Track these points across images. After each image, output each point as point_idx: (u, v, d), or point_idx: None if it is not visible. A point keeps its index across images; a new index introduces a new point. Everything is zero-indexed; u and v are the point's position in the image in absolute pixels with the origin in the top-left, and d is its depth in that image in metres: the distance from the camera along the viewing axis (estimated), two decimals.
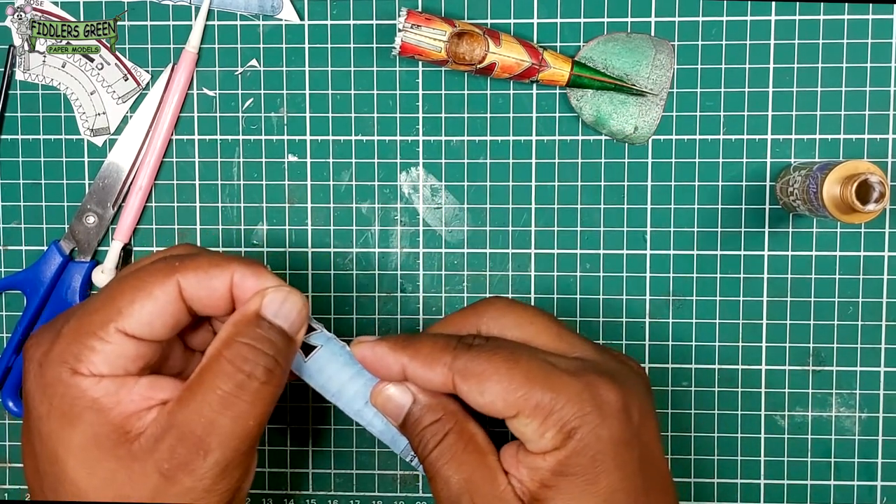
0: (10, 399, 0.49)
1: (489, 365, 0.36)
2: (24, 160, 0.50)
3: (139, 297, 0.36)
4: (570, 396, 0.36)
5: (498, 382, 0.36)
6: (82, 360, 0.36)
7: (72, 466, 0.36)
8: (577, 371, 0.37)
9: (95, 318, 0.36)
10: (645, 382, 0.40)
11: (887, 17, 0.47)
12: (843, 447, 0.48)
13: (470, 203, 0.49)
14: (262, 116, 0.49)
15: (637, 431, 0.37)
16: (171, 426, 0.36)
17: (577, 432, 0.35)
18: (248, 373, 0.36)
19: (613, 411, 0.36)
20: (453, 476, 0.37)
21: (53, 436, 0.36)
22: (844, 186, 0.41)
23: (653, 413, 0.39)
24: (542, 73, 0.46)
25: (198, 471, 0.35)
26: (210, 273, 0.37)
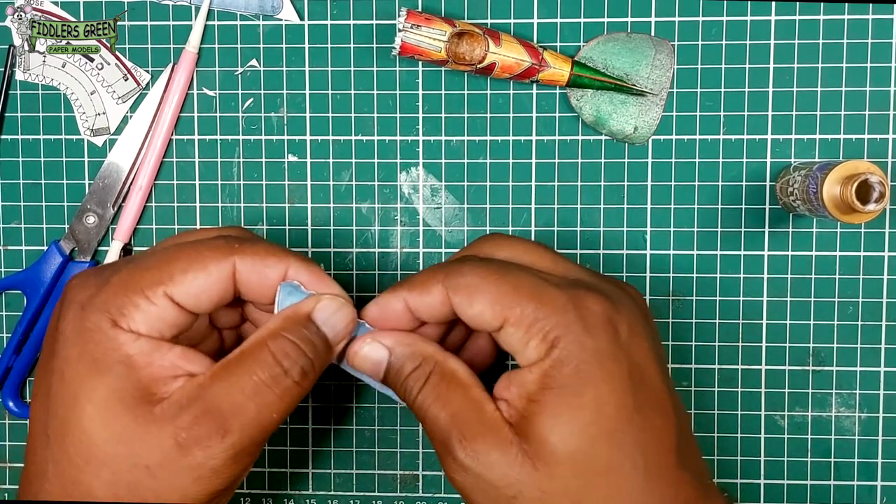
0: (10, 399, 0.49)
1: (479, 278, 0.37)
2: (25, 160, 0.50)
3: (194, 268, 0.37)
4: (555, 307, 0.36)
5: (486, 293, 0.36)
6: (125, 315, 0.36)
7: (88, 414, 0.36)
8: (565, 286, 0.37)
9: (147, 277, 0.37)
10: (639, 306, 0.39)
11: (887, 17, 0.47)
12: (843, 447, 0.48)
13: (470, 203, 0.49)
14: (262, 116, 0.49)
15: (626, 347, 0.36)
16: (199, 398, 0.36)
17: (560, 341, 0.36)
18: (286, 368, 0.37)
19: (598, 322, 0.36)
20: (440, 414, 0.37)
21: (78, 380, 0.36)
22: (844, 186, 0.41)
23: (646, 335, 0.38)
24: (542, 73, 0.46)
25: (213, 448, 0.36)
26: (267, 262, 0.38)
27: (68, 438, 0.36)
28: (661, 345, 0.40)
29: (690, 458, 0.38)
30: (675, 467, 0.36)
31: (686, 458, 0.37)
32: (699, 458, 0.39)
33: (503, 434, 0.36)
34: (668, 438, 0.37)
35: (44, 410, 0.37)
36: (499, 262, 0.39)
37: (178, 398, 0.36)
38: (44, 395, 0.38)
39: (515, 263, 0.39)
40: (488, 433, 0.36)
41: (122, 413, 0.36)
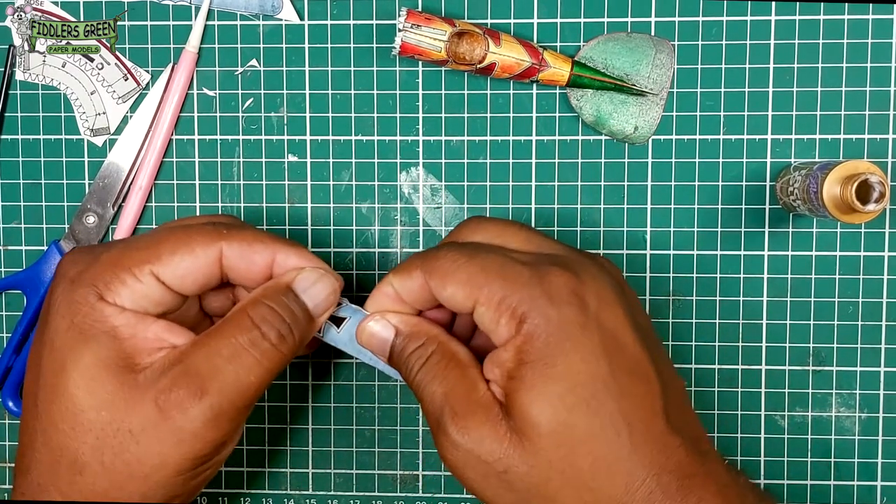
0: (10, 399, 0.49)
1: (450, 262, 0.38)
2: (24, 160, 0.50)
3: (181, 250, 0.39)
4: (521, 283, 0.37)
5: (456, 275, 0.38)
6: (111, 290, 0.38)
7: (74, 381, 0.37)
8: (531, 262, 0.38)
9: (135, 256, 0.39)
10: (611, 275, 0.39)
11: (887, 17, 0.47)
12: (843, 447, 0.48)
13: (470, 203, 0.49)
14: (262, 116, 0.49)
15: (595, 317, 0.37)
16: (179, 363, 0.38)
17: (528, 316, 0.36)
18: (264, 332, 0.38)
19: (563, 295, 0.37)
20: (437, 390, 0.38)
21: (66, 349, 0.38)
22: (844, 186, 0.41)
23: (619, 303, 0.38)
24: (542, 73, 0.46)
25: (190, 410, 0.37)
26: (254, 247, 0.39)
27: (55, 406, 0.38)
28: (641, 313, 0.40)
29: (683, 422, 0.38)
30: (664, 432, 0.37)
31: (678, 423, 0.37)
32: (695, 423, 0.39)
33: (493, 412, 0.37)
34: (651, 403, 0.37)
35: (34, 382, 0.39)
36: (472, 245, 0.40)
37: (159, 365, 0.38)
38: (35, 367, 0.39)
39: (487, 245, 0.40)
40: (479, 411, 0.37)
41: (106, 380, 0.37)
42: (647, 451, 0.36)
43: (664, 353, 0.40)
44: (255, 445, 0.50)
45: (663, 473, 0.36)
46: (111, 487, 0.38)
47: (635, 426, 0.36)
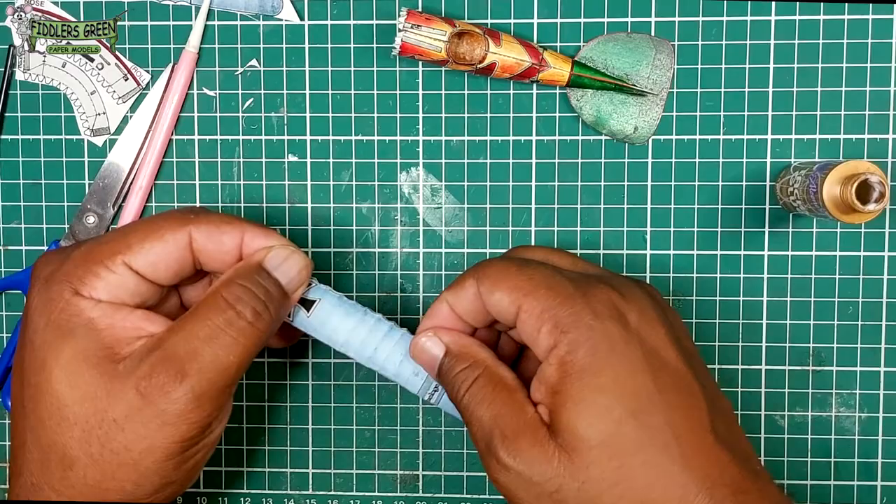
0: (8, 398, 0.49)
1: (500, 270, 0.39)
2: (25, 160, 0.50)
3: (151, 237, 0.39)
4: (565, 295, 0.38)
5: (505, 282, 0.39)
6: (85, 284, 0.39)
7: (56, 376, 0.38)
8: (576, 278, 0.39)
9: (105, 248, 0.39)
10: (651, 296, 0.40)
11: (887, 17, 0.47)
12: (843, 447, 0.48)
13: (470, 203, 0.49)
14: (262, 116, 0.49)
15: (636, 332, 0.37)
16: (157, 348, 0.38)
17: (571, 328, 0.37)
18: (239, 311, 0.39)
19: (606, 309, 0.37)
20: (484, 414, 0.38)
21: (45, 346, 0.38)
22: (844, 186, 0.41)
23: (660, 320, 0.38)
24: (543, 73, 0.46)
25: (172, 394, 0.37)
26: (222, 228, 0.40)
27: (41, 404, 0.38)
28: (685, 335, 0.41)
29: (733, 440, 0.38)
30: (714, 447, 0.36)
31: (727, 439, 0.37)
32: (745, 442, 0.39)
33: (541, 433, 0.37)
34: (699, 417, 0.37)
35: (20, 384, 0.39)
36: (521, 259, 0.41)
37: (138, 353, 0.38)
38: (18, 368, 0.40)
39: (536, 261, 0.41)
40: (528, 432, 0.37)
41: (87, 372, 0.38)
42: (698, 465, 0.36)
43: (710, 375, 0.40)
44: (255, 446, 0.50)
45: (717, 487, 0.36)
46: (103, 478, 0.38)
47: (684, 438, 0.36)
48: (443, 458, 0.49)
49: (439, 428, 0.49)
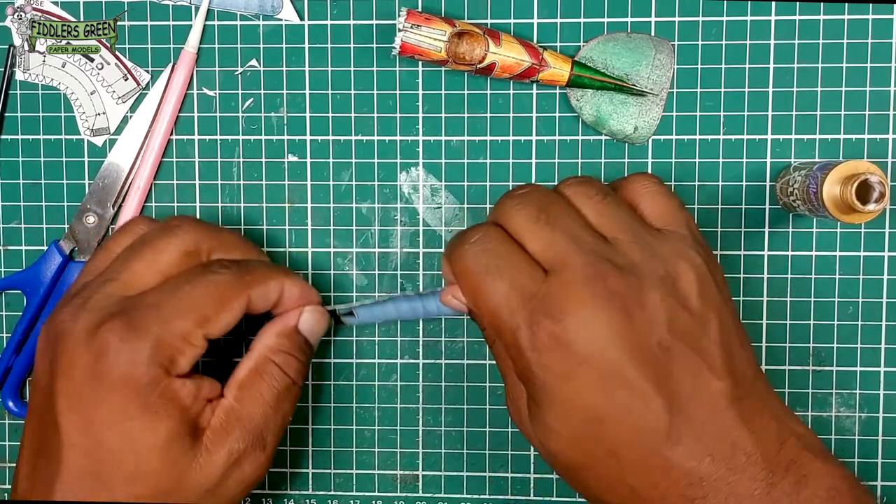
0: (10, 399, 0.49)
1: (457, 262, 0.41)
2: (24, 160, 0.50)
3: (223, 308, 0.41)
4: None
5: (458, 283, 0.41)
6: (175, 363, 0.40)
7: (150, 461, 0.39)
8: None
9: (186, 325, 0.40)
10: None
11: (887, 17, 0.47)
12: (843, 447, 0.48)
13: (470, 203, 0.49)
14: (261, 116, 0.49)
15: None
16: (237, 420, 0.41)
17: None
18: (292, 378, 0.43)
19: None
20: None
21: (139, 431, 0.39)
22: (844, 186, 0.41)
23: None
24: (542, 73, 0.46)
25: (258, 460, 0.42)
26: (269, 286, 0.43)
27: (137, 483, 0.40)
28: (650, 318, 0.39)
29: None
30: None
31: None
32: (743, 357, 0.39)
33: None
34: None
35: (94, 458, 0.40)
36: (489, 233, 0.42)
37: (218, 425, 0.41)
38: (95, 442, 0.40)
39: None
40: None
41: (182, 451, 0.40)
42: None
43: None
44: None
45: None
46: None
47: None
48: (443, 458, 0.49)
49: (439, 428, 0.49)
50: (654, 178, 0.42)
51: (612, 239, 0.39)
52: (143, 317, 0.40)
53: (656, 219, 0.40)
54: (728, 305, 0.39)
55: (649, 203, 0.41)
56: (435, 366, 0.49)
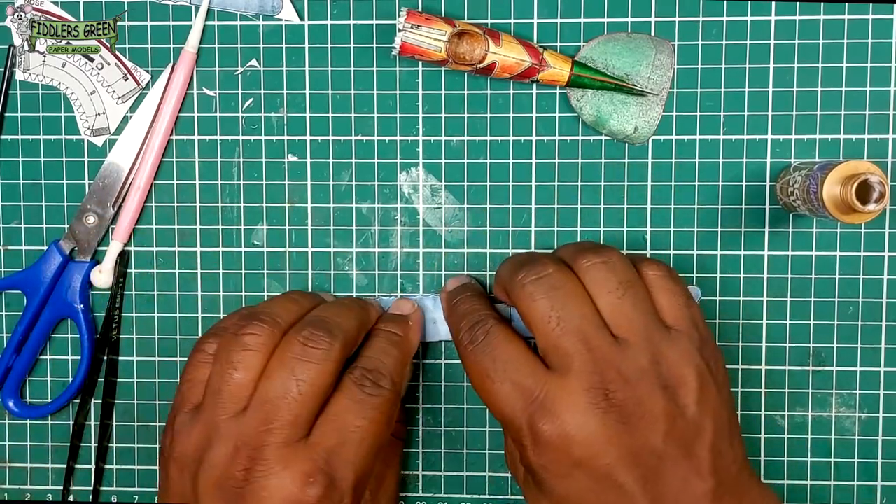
0: (10, 399, 0.49)
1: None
2: (24, 160, 0.50)
3: (390, 429, 0.43)
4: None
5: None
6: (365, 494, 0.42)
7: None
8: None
9: (372, 465, 0.41)
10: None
11: (887, 17, 0.47)
12: (843, 447, 0.48)
13: (470, 203, 0.49)
14: (262, 116, 0.49)
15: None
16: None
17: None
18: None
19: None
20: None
21: None
22: (844, 186, 0.41)
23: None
24: (543, 73, 0.46)
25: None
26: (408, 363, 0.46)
27: None
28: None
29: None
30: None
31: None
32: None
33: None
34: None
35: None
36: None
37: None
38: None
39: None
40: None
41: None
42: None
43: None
44: None
45: None
46: None
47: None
48: (443, 458, 0.49)
49: (439, 428, 0.49)
50: (667, 270, 0.42)
51: (622, 340, 0.39)
52: (338, 469, 0.39)
53: (666, 314, 0.41)
54: (726, 406, 0.41)
55: (661, 297, 0.41)
56: (435, 366, 0.49)
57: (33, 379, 0.50)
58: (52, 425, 0.50)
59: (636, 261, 0.42)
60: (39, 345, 0.50)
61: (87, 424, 0.50)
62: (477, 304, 0.44)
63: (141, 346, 0.50)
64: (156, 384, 0.50)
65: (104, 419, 0.50)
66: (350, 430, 0.40)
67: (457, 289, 0.46)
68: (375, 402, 0.41)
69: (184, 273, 0.49)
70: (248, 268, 0.49)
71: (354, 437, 0.40)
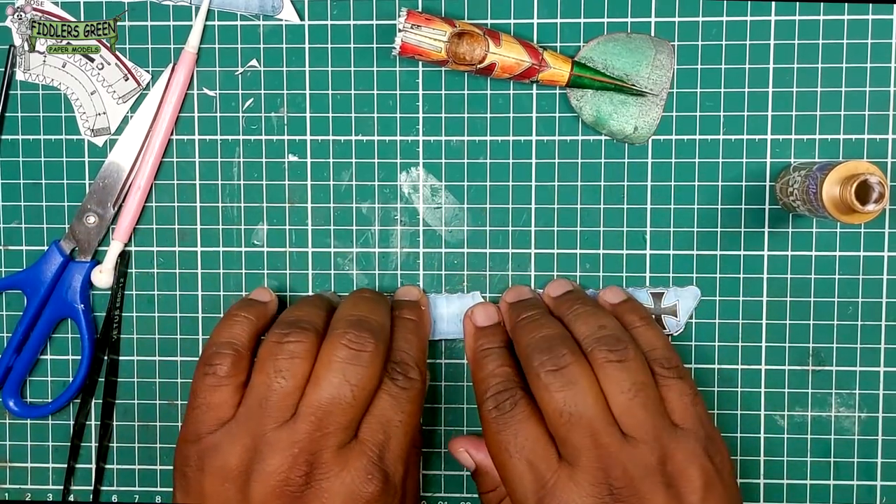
0: (10, 399, 0.49)
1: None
2: (25, 160, 0.50)
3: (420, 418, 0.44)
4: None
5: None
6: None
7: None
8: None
9: (409, 452, 0.43)
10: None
11: (887, 17, 0.47)
12: (843, 447, 0.48)
13: (470, 203, 0.49)
14: (262, 116, 0.49)
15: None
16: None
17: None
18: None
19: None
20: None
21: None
22: (844, 187, 0.41)
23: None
24: (543, 74, 0.46)
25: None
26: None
27: None
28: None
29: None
30: None
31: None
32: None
33: None
34: None
35: None
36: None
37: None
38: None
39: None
40: None
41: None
42: None
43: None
44: None
45: None
46: None
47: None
48: (443, 457, 0.50)
49: (439, 427, 0.49)
50: (678, 370, 0.43)
51: (630, 437, 0.40)
52: (389, 464, 0.41)
53: (675, 411, 0.42)
54: (732, 502, 0.41)
55: (670, 395, 0.42)
56: (435, 366, 0.49)
57: (34, 379, 0.50)
58: (52, 425, 0.50)
59: (655, 369, 0.43)
60: (40, 345, 0.50)
61: (87, 424, 0.50)
62: (506, 363, 0.44)
63: (141, 346, 0.50)
64: (156, 384, 0.50)
65: (104, 419, 0.50)
66: (394, 426, 0.41)
67: (489, 329, 0.47)
68: (410, 394, 0.42)
69: (184, 273, 0.49)
70: (248, 268, 0.49)
71: (398, 431, 0.41)
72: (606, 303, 0.47)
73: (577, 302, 0.45)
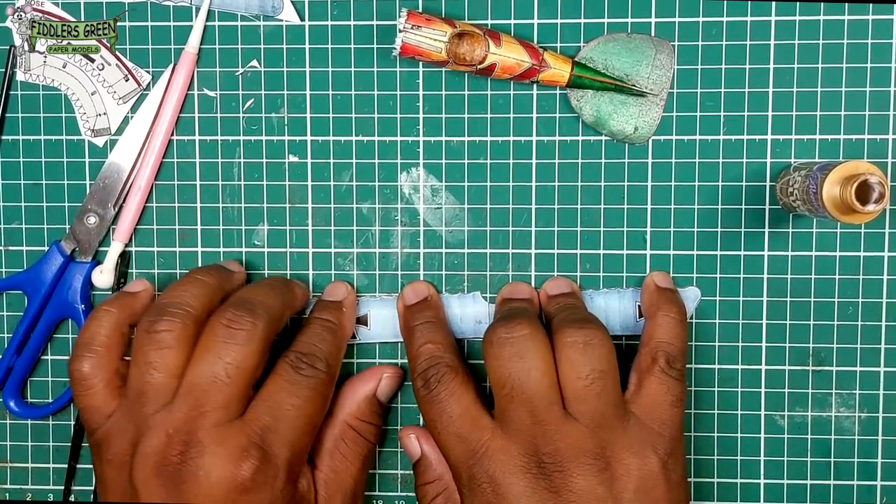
0: (11, 399, 0.49)
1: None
2: (25, 161, 0.50)
3: (325, 409, 0.45)
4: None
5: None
6: (299, 475, 0.43)
7: None
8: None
9: (308, 443, 0.43)
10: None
11: (887, 17, 0.47)
12: (843, 447, 0.48)
13: (470, 203, 0.49)
14: (262, 117, 0.49)
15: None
16: (337, 488, 0.44)
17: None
18: (374, 442, 0.47)
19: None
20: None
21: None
22: (844, 187, 0.41)
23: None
24: (543, 74, 0.46)
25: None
26: (348, 331, 0.47)
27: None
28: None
29: None
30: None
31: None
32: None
33: None
34: None
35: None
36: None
37: (325, 498, 0.44)
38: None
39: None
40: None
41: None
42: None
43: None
44: None
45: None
46: None
47: None
48: None
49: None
50: (679, 381, 0.43)
51: (570, 419, 0.41)
52: (272, 446, 0.41)
53: (646, 404, 0.42)
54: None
55: (653, 392, 0.43)
56: None
57: (34, 379, 0.50)
58: (53, 425, 0.50)
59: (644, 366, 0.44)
60: (40, 345, 0.50)
61: None
62: (436, 337, 0.45)
63: None
64: None
65: None
66: (285, 409, 0.41)
67: (416, 306, 0.47)
68: (310, 382, 0.42)
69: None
70: (248, 268, 0.49)
71: (289, 415, 0.41)
72: (652, 283, 0.47)
73: (569, 299, 0.46)
